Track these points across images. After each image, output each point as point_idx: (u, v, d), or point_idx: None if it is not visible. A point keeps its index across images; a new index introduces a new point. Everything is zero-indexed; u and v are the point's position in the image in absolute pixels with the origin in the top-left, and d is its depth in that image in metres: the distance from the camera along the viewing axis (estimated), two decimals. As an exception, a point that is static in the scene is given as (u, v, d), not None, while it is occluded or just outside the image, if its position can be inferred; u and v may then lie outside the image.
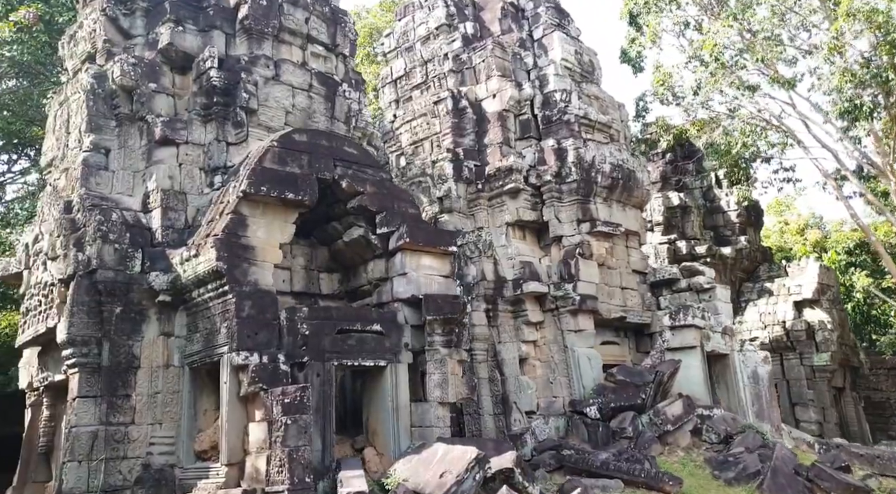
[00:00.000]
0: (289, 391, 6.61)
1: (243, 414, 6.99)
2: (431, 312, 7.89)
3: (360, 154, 8.73)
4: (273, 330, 7.24)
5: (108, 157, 8.64)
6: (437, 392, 7.78)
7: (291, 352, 7.15)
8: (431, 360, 7.89)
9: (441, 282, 8.38)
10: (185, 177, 8.58)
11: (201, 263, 7.34)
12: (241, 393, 6.91)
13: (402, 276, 8.24)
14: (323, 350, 7.28)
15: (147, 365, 7.73)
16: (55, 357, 8.32)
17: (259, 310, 7.18)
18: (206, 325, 7.50)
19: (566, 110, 13.09)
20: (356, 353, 7.52)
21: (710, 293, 12.85)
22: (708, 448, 9.77)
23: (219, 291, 7.26)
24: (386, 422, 7.61)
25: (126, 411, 7.49)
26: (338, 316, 7.54)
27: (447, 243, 8.48)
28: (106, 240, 7.65)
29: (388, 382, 7.69)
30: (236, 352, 6.89)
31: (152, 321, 7.88)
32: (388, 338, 7.83)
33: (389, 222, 8.37)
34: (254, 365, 6.83)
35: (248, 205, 7.59)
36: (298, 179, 7.84)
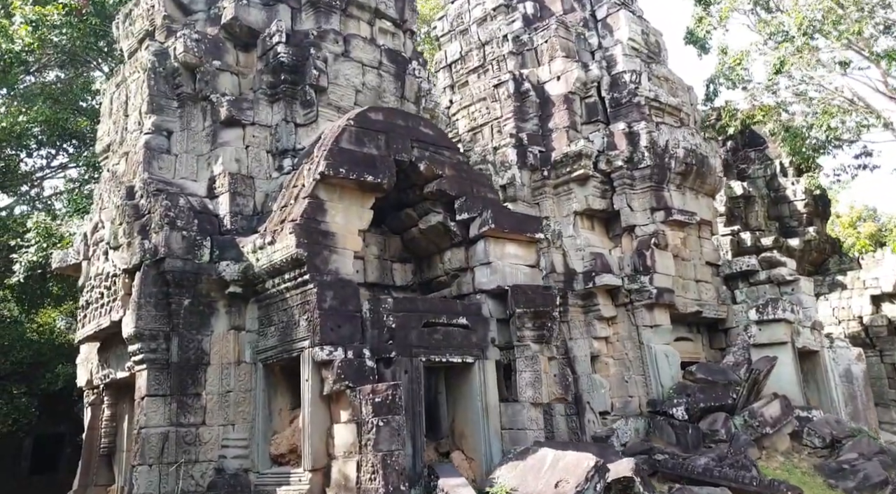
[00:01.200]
0: (379, 389, 6.01)
1: (326, 415, 6.41)
2: (521, 304, 7.23)
3: (437, 135, 8.11)
4: (356, 323, 6.65)
5: (170, 140, 8.12)
6: (529, 391, 7.13)
7: (377, 347, 6.56)
8: (521, 357, 7.24)
9: (527, 273, 7.73)
10: (253, 161, 8.02)
11: (278, 251, 6.77)
12: (325, 391, 6.33)
13: (486, 266, 7.60)
14: (410, 344, 6.66)
15: (217, 361, 7.20)
16: (117, 353, 7.84)
17: (341, 301, 6.60)
18: (281, 318, 6.94)
19: (636, 92, 12.32)
20: (443, 348, 6.90)
21: (793, 285, 12.01)
22: (811, 453, 8.99)
23: (297, 281, 6.69)
24: (475, 424, 6.98)
25: (197, 411, 6.97)
26: (423, 307, 6.92)
27: (534, 230, 7.82)
28: (174, 227, 7.12)
29: (477, 380, 7.06)
30: (319, 347, 6.31)
31: (221, 314, 7.34)
32: (475, 333, 7.19)
33: (470, 207, 7.73)
34: (339, 360, 6.24)
35: (326, 188, 7.00)
36: (377, 161, 7.23)
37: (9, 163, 16.12)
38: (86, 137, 15.09)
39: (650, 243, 11.43)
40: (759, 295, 12.38)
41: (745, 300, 12.41)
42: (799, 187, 17.59)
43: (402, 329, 6.62)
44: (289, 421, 7.07)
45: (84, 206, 12.49)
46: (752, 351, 10.70)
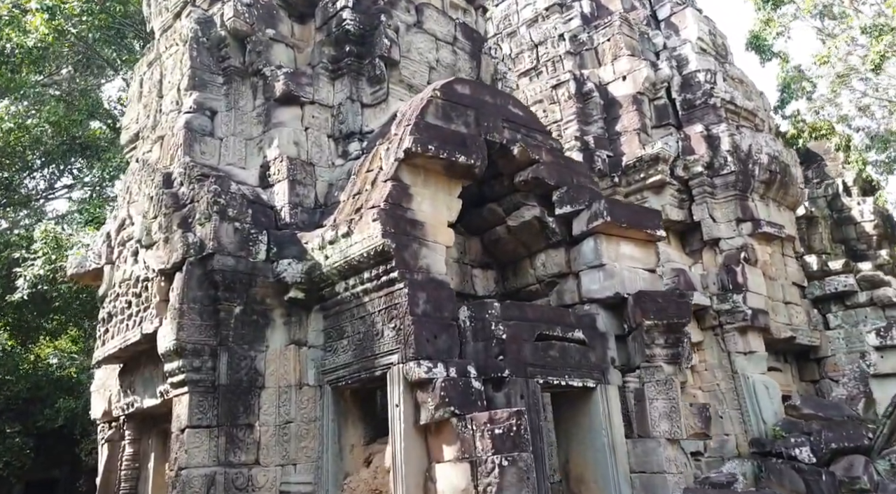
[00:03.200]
0: (500, 417, 4.60)
1: (423, 452, 4.97)
2: (651, 315, 5.86)
3: (527, 116, 6.88)
4: (453, 334, 5.28)
5: (214, 122, 6.86)
6: (665, 425, 5.70)
7: (483, 364, 5.16)
8: (651, 381, 5.83)
9: (646, 278, 6.38)
10: (312, 145, 6.76)
11: (356, 244, 5.44)
12: (422, 420, 4.91)
13: (597, 269, 6.25)
14: (524, 361, 5.26)
15: (274, 383, 5.78)
16: (145, 376, 6.43)
17: (435, 306, 5.24)
18: (357, 329, 5.56)
19: (712, 93, 11.19)
20: (560, 368, 5.49)
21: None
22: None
23: (381, 280, 5.34)
24: (600, 466, 5.52)
25: (249, 447, 5.52)
26: (533, 316, 5.54)
27: (654, 225, 6.51)
28: (224, 217, 5.80)
29: (600, 410, 5.63)
30: (415, 362, 4.92)
31: (278, 325, 5.97)
32: (593, 351, 5.80)
33: (573, 199, 6.43)
34: (441, 379, 4.84)
35: (409, 170, 5.71)
36: (467, 140, 5.97)
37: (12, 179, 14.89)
38: (98, 149, 13.91)
39: (739, 258, 10.12)
40: (858, 319, 11.03)
41: (841, 325, 11.06)
42: (866, 207, 16.33)
43: (514, 342, 5.24)
44: (363, 460, 5.62)
45: (99, 216, 11.18)
46: (872, 383, 9.28)
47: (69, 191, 17.44)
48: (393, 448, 4.96)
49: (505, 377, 5.07)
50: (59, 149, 13.94)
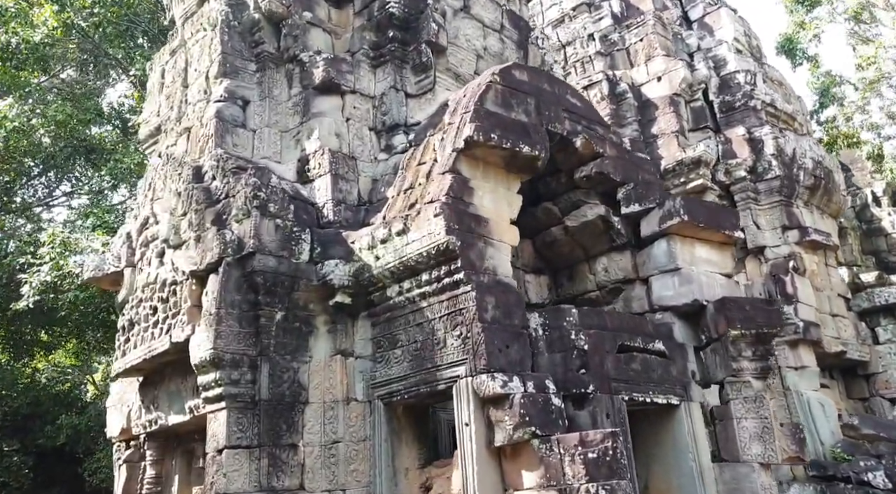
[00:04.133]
0: (592, 439, 4.02)
1: (497, 477, 4.38)
2: (738, 324, 5.30)
3: (586, 106, 6.37)
4: (524, 344, 4.71)
5: (246, 112, 6.33)
6: (757, 447, 5.12)
7: (562, 378, 4.59)
8: (738, 398, 5.26)
9: (724, 284, 5.84)
10: (354, 138, 6.22)
11: (413, 242, 4.88)
12: (497, 441, 4.33)
13: (671, 274, 5.70)
14: (607, 376, 4.69)
15: (318, 398, 5.19)
16: (170, 389, 5.82)
17: (505, 313, 4.67)
18: (412, 337, 4.98)
19: (752, 95, 10.72)
20: (643, 383, 4.93)
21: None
22: None
23: (443, 282, 4.77)
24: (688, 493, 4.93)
25: (293, 470, 4.91)
26: (613, 324, 4.98)
27: (732, 226, 5.98)
28: (265, 213, 5.23)
29: (685, 430, 5.06)
30: (488, 375, 4.34)
31: (321, 333, 5.39)
32: (674, 364, 5.24)
33: (642, 197, 5.91)
34: (520, 395, 4.26)
35: (468, 162, 5.17)
36: (529, 129, 5.43)
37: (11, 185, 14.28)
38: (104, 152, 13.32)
39: (788, 267, 9.59)
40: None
41: (892, 339, 10.54)
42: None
43: (597, 353, 4.67)
44: (419, 486, 5.02)
45: (107, 221, 10.57)
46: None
47: (69, 198, 16.82)
48: (464, 474, 4.37)
49: (589, 393, 4.50)
50: (62, 152, 13.35)
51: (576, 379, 4.53)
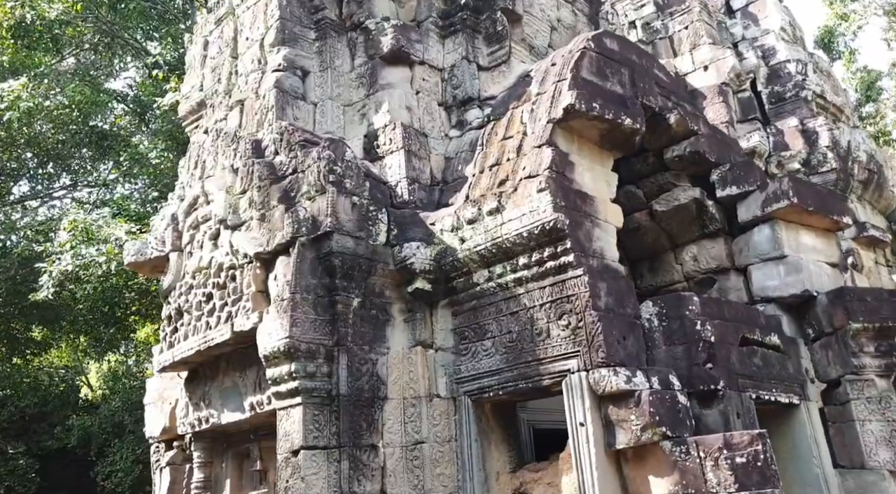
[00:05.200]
0: (739, 442, 3.56)
1: (617, 484, 3.90)
2: (860, 317, 4.85)
3: (674, 82, 5.93)
4: (639, 336, 4.24)
5: (305, 84, 5.84)
6: (885, 453, 4.67)
7: (686, 374, 4.12)
8: (860, 398, 4.81)
9: (830, 275, 5.40)
10: (424, 113, 5.74)
11: (510, 221, 4.40)
12: (619, 443, 3.85)
13: (775, 262, 5.24)
14: (733, 371, 4.23)
15: (398, 394, 4.70)
16: (224, 385, 5.31)
17: (618, 300, 4.20)
18: (506, 327, 4.50)
19: (804, 85, 10.33)
20: (765, 380, 4.47)
21: None
22: None
23: (546, 266, 4.29)
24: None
25: (374, 473, 4.42)
26: (731, 314, 4.51)
27: (840, 211, 5.54)
28: (341, 190, 4.73)
29: (807, 433, 4.60)
30: (609, 370, 3.86)
31: (398, 322, 4.90)
32: (790, 359, 4.78)
33: (739, 179, 5.46)
34: (647, 392, 3.79)
35: (564, 135, 4.69)
36: (627, 101, 4.96)
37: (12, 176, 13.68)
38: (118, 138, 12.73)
39: (846, 264, 9.18)
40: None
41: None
42: (925, 217, 15.61)
43: (723, 346, 4.21)
44: (512, 492, 4.53)
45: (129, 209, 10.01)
46: None
47: (69, 191, 16.15)
48: (580, 480, 3.88)
49: (718, 390, 4.03)
50: (67, 141, 12.74)
51: (702, 374, 4.06)
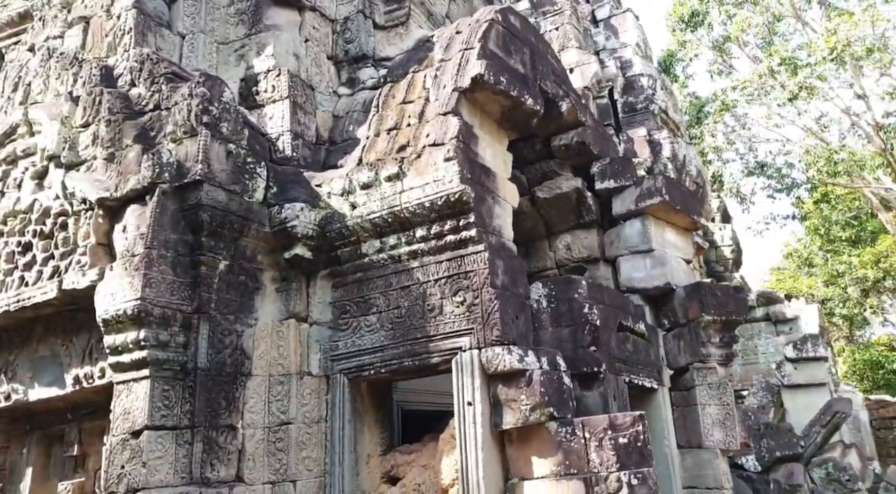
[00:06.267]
0: (622, 423, 3.62)
1: (499, 464, 3.80)
2: (711, 310, 5.24)
3: (564, 71, 6.00)
4: (528, 316, 4.19)
5: (171, 11, 5.04)
6: (719, 433, 5.09)
7: (571, 356, 4.13)
8: (703, 384, 5.21)
9: (686, 270, 5.80)
10: (312, 65, 5.22)
11: (411, 190, 4.12)
12: (506, 424, 3.74)
13: (643, 255, 5.53)
14: (612, 355, 4.33)
15: (263, 371, 4.20)
16: (37, 354, 4.43)
17: (512, 280, 4.11)
18: (395, 301, 4.21)
19: (653, 99, 11.19)
20: (634, 365, 4.65)
21: (792, 324, 11.43)
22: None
23: (445, 240, 4.07)
24: (664, 480, 4.74)
25: (230, 457, 3.90)
26: (611, 300, 4.63)
27: (698, 212, 5.97)
28: (216, 134, 4.10)
29: (662, 416, 4.89)
30: (503, 348, 3.74)
31: (268, 292, 4.39)
32: (652, 347, 5.05)
33: (617, 173, 5.68)
34: (539, 372, 3.73)
35: (469, 106, 4.50)
36: (528, 82, 4.91)
37: None
38: None
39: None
40: (754, 333, 11.67)
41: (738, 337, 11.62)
42: (726, 233, 17.86)
43: (605, 330, 4.29)
44: (382, 474, 4.27)
45: None
46: (784, 393, 9.72)
47: None
48: (464, 461, 3.72)
49: (600, 373, 4.09)
50: None
51: (586, 356, 4.10)
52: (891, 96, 14.55)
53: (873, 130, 13.63)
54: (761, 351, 11.63)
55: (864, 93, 14.02)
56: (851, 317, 21.83)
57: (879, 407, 17.01)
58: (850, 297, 20.46)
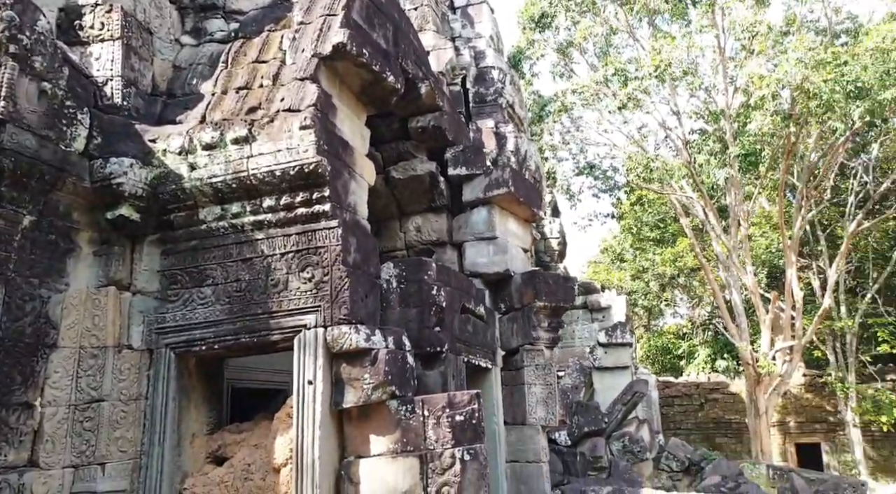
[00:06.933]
0: (460, 401, 3.72)
1: (336, 443, 3.73)
2: (543, 297, 5.57)
3: (423, 51, 6.00)
4: (377, 296, 4.15)
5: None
6: (541, 411, 5.45)
7: (417, 336, 4.16)
8: (531, 365, 5.54)
9: (523, 259, 6.11)
10: (151, 6, 4.68)
11: (261, 155, 3.87)
12: (347, 402, 3.68)
13: (488, 242, 5.73)
14: (455, 336, 4.43)
15: (72, 342, 3.73)
16: None
17: (364, 258, 4.04)
18: (234, 274, 3.95)
19: (502, 93, 11.61)
20: (473, 346, 4.81)
21: (605, 312, 12.58)
22: (669, 477, 9.14)
23: (296, 212, 3.89)
24: (490, 455, 4.98)
25: (22, 438, 3.42)
26: (456, 283, 4.73)
27: (539, 205, 6.28)
28: (26, 69, 3.51)
29: (494, 394, 5.12)
30: (351, 327, 3.67)
31: (84, 255, 3.91)
32: (489, 329, 5.26)
33: (470, 161, 5.83)
34: (384, 352, 3.71)
35: (329, 75, 4.32)
36: (390, 58, 4.84)
37: None
38: None
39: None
40: (572, 319, 12.67)
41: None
42: (555, 226, 19.16)
43: (451, 312, 4.37)
44: (207, 455, 4.02)
45: None
46: (595, 375, 10.68)
47: None
48: (300, 440, 3.60)
49: (442, 353, 4.17)
50: None
51: (431, 337, 4.15)
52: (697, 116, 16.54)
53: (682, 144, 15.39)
54: (578, 336, 12.70)
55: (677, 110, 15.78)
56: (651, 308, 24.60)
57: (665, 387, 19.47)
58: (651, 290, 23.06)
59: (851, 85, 11.07)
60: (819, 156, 14.45)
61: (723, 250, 15.16)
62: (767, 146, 13.96)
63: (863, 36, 12.69)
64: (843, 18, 15.47)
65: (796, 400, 18.25)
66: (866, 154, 15.50)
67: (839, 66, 11.27)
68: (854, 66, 11.17)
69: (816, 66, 11.32)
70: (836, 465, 17.27)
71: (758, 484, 8.37)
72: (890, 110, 12.37)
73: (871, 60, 11.23)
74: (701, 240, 17.17)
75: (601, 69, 14.24)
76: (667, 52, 12.47)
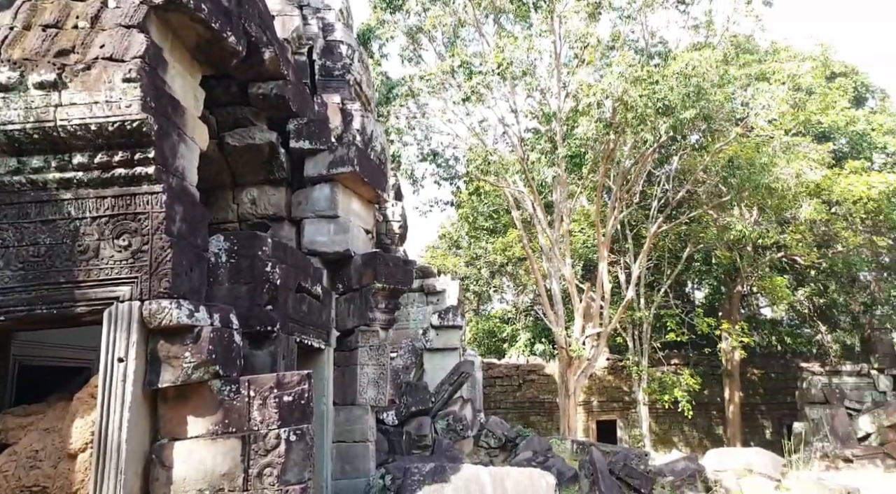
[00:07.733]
0: (289, 382, 3.63)
1: (148, 425, 3.45)
2: (383, 278, 5.59)
3: (269, 15, 5.71)
4: (204, 269, 3.89)
5: None
6: (372, 391, 5.48)
7: (246, 314, 3.97)
8: (365, 346, 5.54)
9: (364, 240, 6.08)
10: (-62, -88, 3.93)
11: (74, 106, 3.44)
12: (164, 381, 3.42)
13: (328, 220, 5.63)
14: (288, 315, 4.28)
15: None
16: None
17: (191, 228, 3.77)
18: (32, 237, 3.48)
19: (350, 69, 11.39)
20: (306, 326, 4.70)
21: (440, 296, 12.94)
22: (488, 453, 9.68)
23: (113, 172, 3.51)
24: (317, 436, 4.92)
25: None
26: (293, 261, 4.56)
27: (383, 187, 6.26)
28: None
29: (325, 374, 5.06)
30: (172, 301, 3.40)
31: None
32: (325, 309, 5.18)
33: (314, 136, 5.70)
34: (209, 329, 3.50)
35: (160, 27, 3.96)
36: (232, 17, 4.54)
37: None
38: None
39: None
40: (408, 301, 12.88)
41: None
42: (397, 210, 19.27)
43: (284, 290, 4.22)
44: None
45: None
46: (426, 356, 10.97)
47: None
48: (105, 422, 3.28)
49: (273, 332, 4.02)
50: None
51: (262, 315, 3.98)
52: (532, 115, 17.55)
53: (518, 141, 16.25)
54: (413, 318, 12.95)
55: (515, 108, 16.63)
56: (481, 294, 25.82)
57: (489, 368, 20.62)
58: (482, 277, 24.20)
59: (661, 102, 12.40)
60: (632, 163, 16.02)
61: (547, 243, 16.29)
62: (590, 150, 15.20)
63: (671, 60, 14.25)
64: (656, 42, 17.25)
65: (600, 382, 20.26)
66: (668, 165, 17.49)
67: (652, 83, 12.56)
68: (663, 86, 12.51)
69: (634, 81, 12.51)
70: (627, 439, 19.48)
71: (563, 458, 9.17)
72: (688, 128, 14.06)
73: (676, 83, 12.65)
74: (529, 232, 18.31)
75: (448, 59, 14.53)
76: (509, 51, 13.04)
